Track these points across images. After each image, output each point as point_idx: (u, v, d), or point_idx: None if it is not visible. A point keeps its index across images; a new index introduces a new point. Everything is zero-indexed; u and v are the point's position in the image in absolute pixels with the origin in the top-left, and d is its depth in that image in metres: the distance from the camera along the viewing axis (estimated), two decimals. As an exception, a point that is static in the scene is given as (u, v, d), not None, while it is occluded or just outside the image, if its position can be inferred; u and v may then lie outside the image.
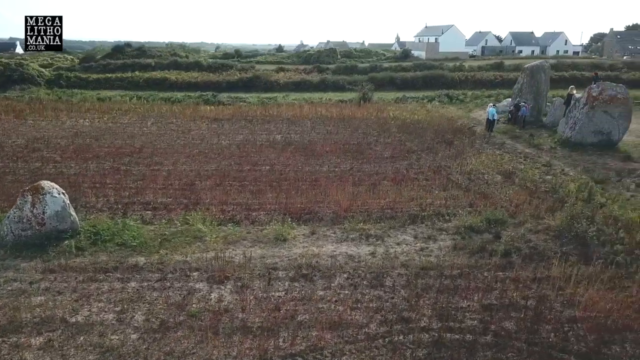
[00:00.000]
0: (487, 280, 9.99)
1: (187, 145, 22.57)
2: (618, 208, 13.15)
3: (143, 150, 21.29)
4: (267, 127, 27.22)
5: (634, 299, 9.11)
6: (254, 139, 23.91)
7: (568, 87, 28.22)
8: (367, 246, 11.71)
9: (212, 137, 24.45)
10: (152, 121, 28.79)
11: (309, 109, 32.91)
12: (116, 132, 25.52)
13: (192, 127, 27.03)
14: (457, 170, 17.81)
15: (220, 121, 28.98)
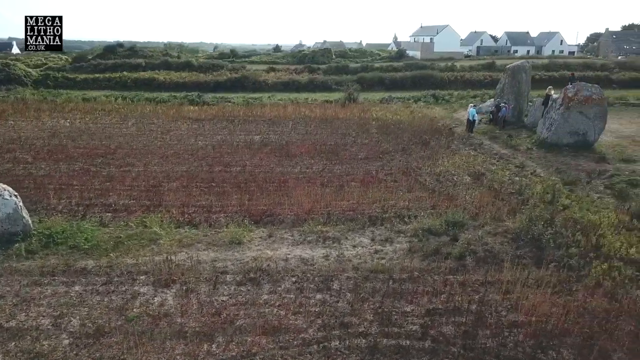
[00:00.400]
0: (436, 284, 9.88)
1: (163, 146, 22.45)
2: (578, 210, 13.04)
3: (117, 151, 21.17)
4: (248, 127, 27.09)
5: (577, 303, 9.00)
6: (232, 139, 23.79)
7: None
8: (322, 249, 11.60)
9: (189, 137, 24.33)
10: (133, 122, 28.64)
11: (293, 109, 32.80)
12: (95, 132, 25.38)
13: (173, 128, 26.89)
14: (428, 171, 17.70)
15: (202, 121, 28.84)
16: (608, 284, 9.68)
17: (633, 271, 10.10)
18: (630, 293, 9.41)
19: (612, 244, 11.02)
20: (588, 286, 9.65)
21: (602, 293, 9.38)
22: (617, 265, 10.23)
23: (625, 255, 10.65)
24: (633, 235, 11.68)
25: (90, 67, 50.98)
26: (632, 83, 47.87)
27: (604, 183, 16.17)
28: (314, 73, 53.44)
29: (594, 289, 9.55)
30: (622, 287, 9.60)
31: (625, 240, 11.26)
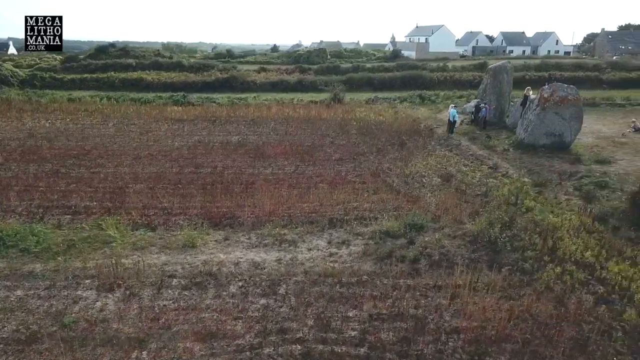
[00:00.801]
0: (385, 288, 9.73)
1: (139, 147, 22.28)
2: (539, 212, 12.88)
3: (91, 152, 21.02)
4: (228, 128, 26.94)
5: (523, 308, 8.84)
6: (209, 140, 23.63)
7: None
8: (277, 252, 11.44)
9: (167, 138, 24.16)
10: (115, 122, 28.48)
11: (277, 109, 32.66)
12: (73, 133, 25.21)
13: (152, 129, 26.72)
14: (398, 172, 17.54)
15: (183, 122, 28.68)
16: (558, 288, 9.53)
17: (585, 275, 9.94)
18: (580, 297, 9.25)
19: (568, 247, 10.85)
20: (537, 290, 9.49)
21: (550, 297, 9.22)
22: (569, 269, 10.07)
23: (579, 258, 10.49)
24: (592, 238, 11.52)
25: (80, 67, 50.78)
26: (622, 83, 47.68)
27: (574, 185, 16.01)
28: (304, 73, 53.27)
29: (543, 293, 9.40)
30: (572, 292, 9.45)
31: (583, 243, 11.11)
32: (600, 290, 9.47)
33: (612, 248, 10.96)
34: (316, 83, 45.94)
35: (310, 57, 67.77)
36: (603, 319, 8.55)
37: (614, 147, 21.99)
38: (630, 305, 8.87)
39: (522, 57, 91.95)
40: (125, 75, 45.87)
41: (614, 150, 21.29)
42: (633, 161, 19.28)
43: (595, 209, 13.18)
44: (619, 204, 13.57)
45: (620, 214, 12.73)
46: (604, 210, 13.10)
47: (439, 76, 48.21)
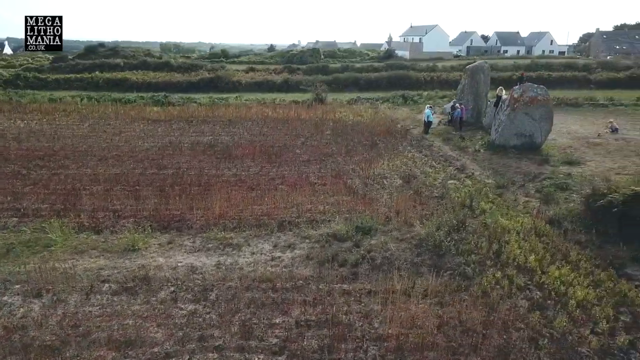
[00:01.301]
0: (319, 293, 9.51)
1: (108, 147, 22.05)
2: (490, 215, 12.66)
3: (59, 153, 20.78)
4: (203, 128, 26.71)
5: (454, 314, 8.63)
6: (180, 141, 23.40)
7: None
8: (219, 256, 11.22)
9: (139, 139, 23.93)
10: (91, 122, 28.26)
11: (257, 110, 32.45)
12: (45, 133, 24.98)
13: (127, 129, 26.49)
14: (362, 174, 17.32)
15: (159, 122, 28.47)
16: (495, 293, 9.31)
17: (525, 280, 9.73)
18: (515, 303, 9.04)
19: (513, 251, 10.65)
20: (473, 296, 9.28)
21: (485, 303, 9.01)
22: (510, 274, 9.86)
23: (522, 263, 10.28)
24: (540, 241, 11.31)
25: (68, 67, 50.61)
26: (610, 83, 47.51)
27: (536, 186, 15.80)
28: (293, 73, 53.10)
29: (479, 299, 9.18)
30: (509, 297, 9.24)
31: (529, 247, 10.90)
32: (537, 295, 9.25)
33: (558, 252, 10.75)
34: (301, 83, 45.70)
35: (304, 57, 67.64)
36: (534, 326, 8.34)
37: (587, 147, 21.79)
38: (562, 312, 8.66)
39: (514, 57, 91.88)
40: (110, 75, 45.66)
41: (587, 151, 21.10)
42: (603, 162, 19.08)
43: (550, 212, 12.97)
44: (575, 206, 13.36)
45: (573, 216, 12.52)
46: (558, 212, 12.89)
47: (425, 76, 48.05)
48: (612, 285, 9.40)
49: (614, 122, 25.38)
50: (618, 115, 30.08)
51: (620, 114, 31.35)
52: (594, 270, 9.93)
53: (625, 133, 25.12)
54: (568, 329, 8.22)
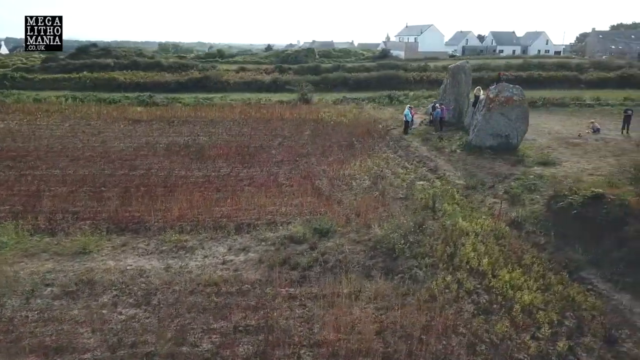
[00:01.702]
0: (265, 297, 9.34)
1: (83, 148, 21.86)
2: (449, 217, 12.49)
3: (32, 154, 20.58)
4: (182, 129, 26.51)
5: (394, 319, 8.46)
6: (158, 141, 23.21)
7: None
8: (170, 260, 11.05)
9: (116, 140, 23.74)
10: (71, 123, 28.04)
11: (241, 110, 32.24)
12: (23, 134, 24.78)
13: (107, 130, 26.28)
14: (332, 175, 17.14)
15: (140, 123, 28.26)
16: (442, 298, 9.14)
17: (475, 284, 9.56)
18: (461, 307, 8.87)
19: (467, 254, 10.47)
20: (420, 300, 9.10)
21: (431, 308, 8.83)
22: (460, 277, 9.69)
23: (475, 266, 10.10)
24: (498, 244, 11.14)
25: (58, 67, 50.33)
26: (600, 83, 47.29)
27: (505, 187, 15.62)
28: (283, 73, 52.88)
29: (426, 303, 9.01)
30: (456, 301, 9.07)
31: (485, 250, 10.72)
32: (484, 300, 9.08)
33: (513, 255, 10.58)
34: (290, 83, 45.48)
35: (299, 57, 67.32)
36: (475, 331, 8.17)
37: (566, 148, 21.58)
38: (506, 316, 8.48)
39: (508, 57, 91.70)
40: (98, 75, 45.39)
41: (564, 151, 20.89)
42: (578, 163, 18.87)
43: (512, 214, 12.79)
44: (538, 208, 13.19)
45: (535, 218, 12.35)
46: (521, 214, 12.72)
47: (415, 76, 47.80)
48: (562, 289, 9.23)
49: (595, 123, 25.18)
50: (604, 116, 29.91)
51: (606, 114, 31.16)
52: (545, 274, 9.76)
53: (606, 133, 24.92)
54: (509, 334, 8.05)
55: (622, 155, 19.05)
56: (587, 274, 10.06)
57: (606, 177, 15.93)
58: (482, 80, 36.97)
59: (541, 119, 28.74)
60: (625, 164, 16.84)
